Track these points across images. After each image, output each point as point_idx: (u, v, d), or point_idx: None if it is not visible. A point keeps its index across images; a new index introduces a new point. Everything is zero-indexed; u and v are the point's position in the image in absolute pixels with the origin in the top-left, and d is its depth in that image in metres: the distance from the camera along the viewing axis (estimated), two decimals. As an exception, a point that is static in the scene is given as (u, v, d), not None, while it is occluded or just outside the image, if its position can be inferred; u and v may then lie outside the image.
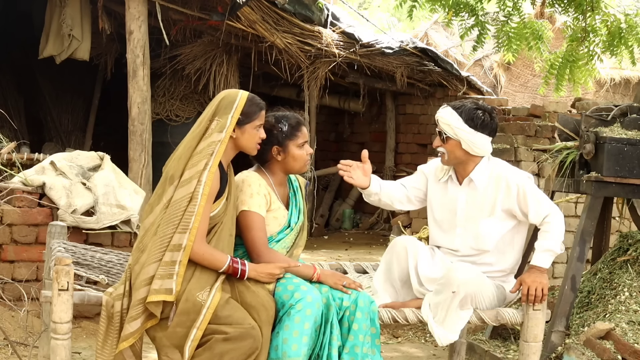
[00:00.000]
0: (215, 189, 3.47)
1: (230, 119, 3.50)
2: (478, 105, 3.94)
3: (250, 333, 3.34)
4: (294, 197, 3.85)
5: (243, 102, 3.54)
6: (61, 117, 11.06)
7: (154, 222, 3.43)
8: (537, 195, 3.89)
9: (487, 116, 3.91)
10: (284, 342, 3.39)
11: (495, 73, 13.40)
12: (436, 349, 5.81)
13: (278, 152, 3.73)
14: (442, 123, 3.94)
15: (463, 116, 3.89)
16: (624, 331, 4.73)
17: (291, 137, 3.73)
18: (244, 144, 3.59)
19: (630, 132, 5.03)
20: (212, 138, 3.48)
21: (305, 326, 3.40)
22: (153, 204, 3.48)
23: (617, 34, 6.33)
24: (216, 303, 3.36)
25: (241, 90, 3.63)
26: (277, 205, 3.72)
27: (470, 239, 3.95)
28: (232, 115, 3.51)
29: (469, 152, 3.91)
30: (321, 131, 11.19)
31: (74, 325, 4.05)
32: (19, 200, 5.62)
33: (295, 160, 3.75)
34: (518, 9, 6.49)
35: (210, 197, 3.45)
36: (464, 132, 3.87)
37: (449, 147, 3.93)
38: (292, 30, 8.46)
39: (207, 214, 3.45)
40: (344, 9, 10.74)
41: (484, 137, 3.90)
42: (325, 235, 10.21)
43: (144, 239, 3.44)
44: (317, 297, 3.47)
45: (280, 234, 3.73)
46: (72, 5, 8.65)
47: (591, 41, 6.48)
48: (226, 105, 3.53)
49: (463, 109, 3.91)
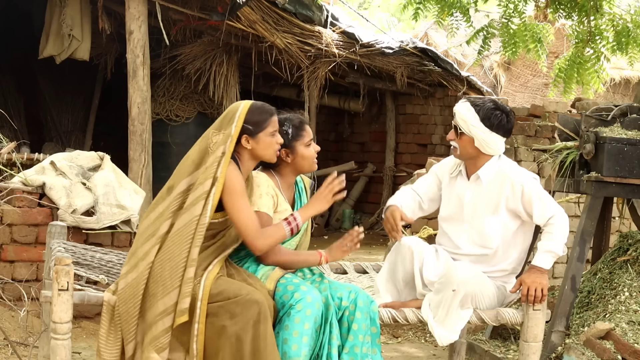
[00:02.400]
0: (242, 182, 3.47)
1: (234, 128, 3.47)
2: (497, 105, 3.92)
3: (251, 299, 3.31)
4: (299, 198, 3.86)
5: (245, 111, 3.51)
6: (61, 117, 11.06)
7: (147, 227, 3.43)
8: (542, 197, 3.88)
9: (505, 117, 3.91)
10: (284, 343, 3.38)
11: (495, 73, 13.41)
12: (436, 349, 5.81)
13: (287, 154, 3.73)
14: (459, 118, 3.93)
15: (480, 114, 3.87)
16: (624, 331, 4.73)
17: (297, 138, 3.74)
18: (261, 153, 3.57)
19: (630, 132, 5.03)
20: (216, 153, 3.45)
21: (306, 326, 3.40)
22: (149, 211, 3.49)
23: (625, 33, 6.32)
24: (208, 292, 3.34)
25: (245, 101, 3.61)
26: (284, 207, 3.72)
27: (475, 236, 3.95)
28: (236, 125, 3.48)
29: (480, 150, 3.92)
30: (321, 131, 11.19)
31: (74, 325, 4.04)
32: (19, 200, 5.62)
33: (305, 159, 3.77)
34: (519, 12, 6.48)
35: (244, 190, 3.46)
36: (479, 130, 3.87)
37: (462, 143, 3.93)
38: (292, 30, 8.46)
39: (251, 207, 3.49)
40: (344, 9, 10.75)
41: (497, 137, 3.91)
42: (325, 235, 10.21)
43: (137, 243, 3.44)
44: (317, 297, 3.47)
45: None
46: (72, 5, 8.65)
47: (597, 42, 6.47)
48: (230, 118, 3.52)
49: (482, 107, 3.89)
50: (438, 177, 4.13)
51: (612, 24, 6.39)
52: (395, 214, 3.93)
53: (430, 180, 4.16)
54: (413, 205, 4.11)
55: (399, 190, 4.20)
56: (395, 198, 4.10)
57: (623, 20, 6.34)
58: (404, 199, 4.09)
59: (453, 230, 4.03)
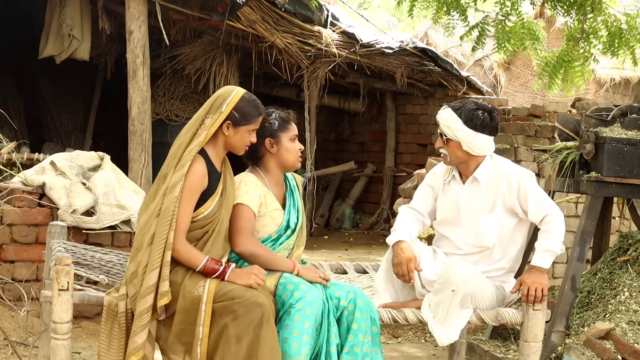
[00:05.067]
0: (199, 184, 3.44)
1: (220, 114, 3.47)
2: (478, 105, 3.93)
3: (255, 302, 3.31)
4: (291, 196, 3.84)
5: (237, 99, 3.51)
6: (61, 117, 11.06)
7: (148, 220, 3.42)
8: (538, 194, 3.89)
9: (487, 116, 3.90)
10: (284, 341, 3.38)
11: (495, 73, 13.41)
12: (436, 349, 5.81)
13: (271, 144, 3.72)
14: (442, 125, 3.94)
15: (462, 117, 3.88)
16: (624, 331, 4.73)
17: (283, 129, 3.74)
18: (234, 143, 3.55)
19: (630, 132, 5.03)
20: (200, 137, 3.46)
21: (306, 325, 3.40)
22: (148, 201, 3.48)
23: (617, 35, 6.33)
24: (212, 295, 3.34)
25: (238, 88, 3.59)
26: (273, 206, 3.72)
27: (471, 236, 3.95)
28: (224, 110, 3.47)
29: (469, 153, 3.92)
30: (321, 131, 11.19)
31: (74, 325, 4.05)
32: (19, 200, 5.62)
33: (289, 152, 3.75)
34: (516, 9, 6.49)
35: (194, 193, 3.42)
36: (464, 133, 3.87)
37: (450, 149, 3.93)
38: (292, 30, 8.47)
39: (189, 211, 3.42)
40: (344, 9, 10.75)
41: (484, 137, 3.90)
42: (325, 235, 10.21)
43: (138, 237, 3.43)
44: (317, 296, 3.47)
45: (282, 237, 3.72)
46: (72, 5, 8.65)
47: (589, 42, 6.48)
48: (220, 102, 3.50)
49: (462, 110, 3.90)
50: (433, 188, 4.13)
51: (606, 25, 6.39)
52: (410, 265, 3.85)
53: (427, 193, 4.14)
54: (420, 228, 4.10)
55: (401, 215, 4.12)
56: (401, 227, 4.00)
57: (617, 22, 6.35)
58: (411, 227, 4.03)
59: (450, 233, 4.04)
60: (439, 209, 4.09)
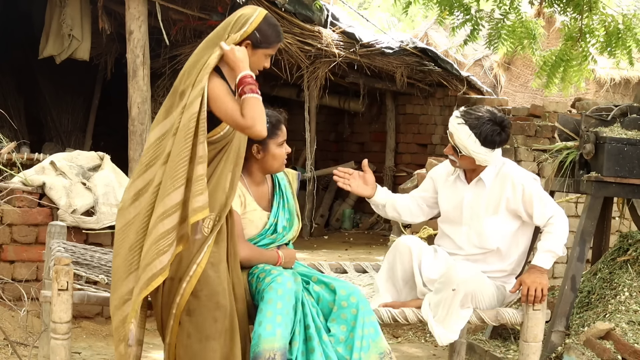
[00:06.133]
0: (225, 87, 3.26)
1: (243, 33, 3.28)
2: (494, 119, 3.86)
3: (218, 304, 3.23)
4: (280, 195, 3.78)
5: (260, 18, 3.30)
6: (61, 117, 11.06)
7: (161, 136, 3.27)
8: (543, 197, 3.89)
9: (504, 133, 3.89)
10: (259, 325, 3.31)
11: (495, 73, 13.42)
12: (436, 349, 5.81)
13: (258, 150, 3.65)
14: (459, 143, 3.88)
15: (480, 138, 3.83)
16: (624, 331, 4.73)
17: (272, 136, 3.63)
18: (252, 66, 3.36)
19: (630, 132, 5.03)
20: (218, 52, 3.27)
21: (278, 305, 3.33)
22: (160, 118, 3.31)
23: (614, 35, 6.33)
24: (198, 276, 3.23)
25: (260, 8, 3.40)
26: (252, 207, 3.66)
27: (474, 237, 3.96)
28: (247, 29, 3.28)
29: (481, 164, 3.94)
30: (321, 131, 11.19)
31: (74, 325, 4.05)
32: (19, 200, 5.62)
33: (275, 159, 3.68)
34: (515, 8, 6.48)
35: (228, 92, 3.25)
36: (481, 154, 3.87)
37: (462, 161, 3.95)
38: (292, 30, 8.46)
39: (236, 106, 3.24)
40: (344, 9, 10.74)
41: (498, 152, 3.94)
42: (325, 235, 10.21)
43: (148, 153, 3.29)
44: (288, 277, 3.42)
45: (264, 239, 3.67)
46: (72, 5, 8.65)
47: (587, 41, 6.48)
48: (244, 21, 3.31)
49: (481, 130, 3.83)
50: (433, 179, 4.15)
51: (604, 25, 6.39)
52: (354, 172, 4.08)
53: (426, 182, 4.18)
54: (409, 203, 4.16)
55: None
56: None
57: (614, 22, 6.35)
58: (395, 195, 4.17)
59: (452, 232, 4.04)
60: (442, 207, 4.10)
